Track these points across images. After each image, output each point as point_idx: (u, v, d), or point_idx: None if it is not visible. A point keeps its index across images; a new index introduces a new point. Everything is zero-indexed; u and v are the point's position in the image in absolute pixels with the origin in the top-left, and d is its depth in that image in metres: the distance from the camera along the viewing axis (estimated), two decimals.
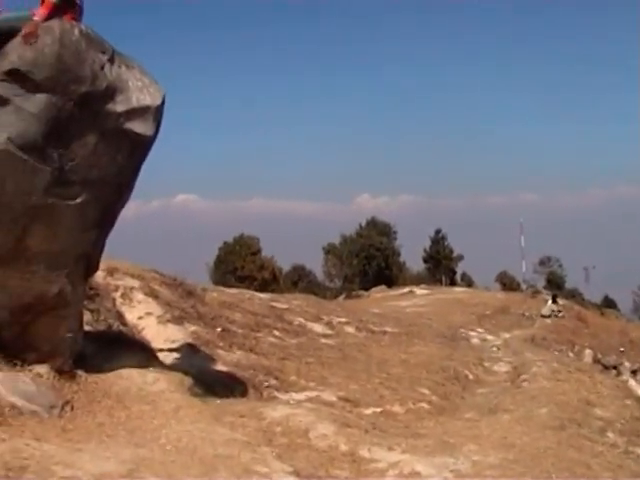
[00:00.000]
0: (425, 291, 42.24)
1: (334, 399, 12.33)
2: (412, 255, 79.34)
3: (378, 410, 12.11)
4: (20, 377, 8.32)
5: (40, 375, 8.58)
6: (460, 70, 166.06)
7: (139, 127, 8.55)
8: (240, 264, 59.45)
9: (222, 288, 25.34)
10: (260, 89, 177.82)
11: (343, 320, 21.35)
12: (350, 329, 20.42)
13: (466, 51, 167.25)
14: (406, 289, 44.80)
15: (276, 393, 12.24)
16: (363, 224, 72.48)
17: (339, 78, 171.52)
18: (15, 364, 8.48)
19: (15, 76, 7.92)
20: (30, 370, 8.56)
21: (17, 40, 8.02)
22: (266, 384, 12.54)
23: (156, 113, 8.68)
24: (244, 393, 11.51)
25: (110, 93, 8.36)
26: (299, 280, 66.44)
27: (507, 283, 72.31)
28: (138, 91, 8.59)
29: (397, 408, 12.46)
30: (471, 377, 16.45)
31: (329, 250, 70.99)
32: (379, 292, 46.10)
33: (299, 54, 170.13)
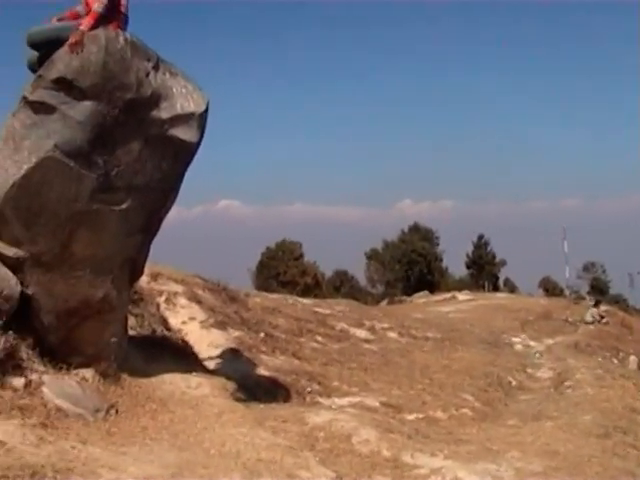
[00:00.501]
0: (467, 296, 41.94)
1: (377, 404, 12.32)
2: (454, 260, 79.02)
3: (421, 416, 12.08)
4: (66, 380, 8.41)
5: (85, 379, 8.68)
6: (498, 76, 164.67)
7: (183, 134, 8.62)
8: (282, 269, 59.50)
9: (265, 293, 25.42)
10: (302, 93, 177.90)
11: (385, 325, 21.32)
12: (392, 334, 20.39)
13: (499, 57, 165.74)
14: (448, 294, 44.51)
15: (319, 398, 12.26)
16: (405, 229, 72.34)
17: (380, 83, 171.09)
18: (61, 368, 8.57)
19: (62, 84, 8.06)
20: (76, 374, 8.66)
21: (64, 49, 8.15)
22: (309, 389, 12.57)
23: (200, 119, 8.75)
24: (287, 398, 11.53)
25: (155, 100, 8.45)
26: (341, 285, 66.33)
27: (550, 289, 71.68)
28: (182, 98, 8.66)
29: (440, 414, 12.42)
30: (514, 383, 16.34)
31: (371, 255, 70.79)
32: (421, 297, 45.84)
33: (338, 58, 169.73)
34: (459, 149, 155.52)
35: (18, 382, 7.94)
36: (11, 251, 8.31)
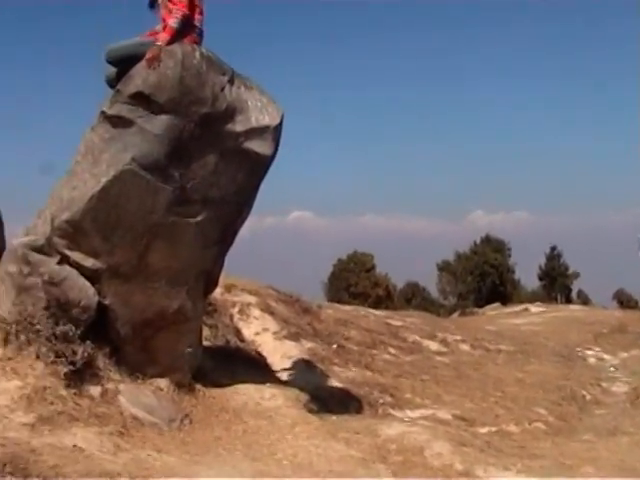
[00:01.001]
0: (540, 309, 41.48)
1: (449, 417, 12.27)
2: (527, 272, 77.99)
3: (493, 429, 11.99)
4: (142, 390, 8.55)
5: (160, 388, 8.81)
6: (574, 85, 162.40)
7: (258, 146, 8.70)
8: (354, 281, 59.40)
9: (337, 305, 25.44)
10: (372, 105, 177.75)
11: (458, 338, 21.19)
12: (465, 347, 20.26)
13: (576, 67, 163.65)
14: (521, 307, 44.08)
15: (391, 410, 12.24)
16: (477, 241, 71.86)
17: (452, 90, 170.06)
18: (137, 377, 8.72)
19: (139, 99, 8.21)
20: (151, 383, 8.81)
21: (141, 64, 8.30)
22: (381, 401, 12.55)
23: (275, 133, 8.82)
24: (359, 410, 11.54)
25: (230, 113, 8.53)
26: (413, 297, 66.08)
27: (625, 301, 70.50)
28: (257, 111, 8.74)
29: (513, 428, 12.32)
30: (588, 397, 16.12)
31: (443, 267, 70.41)
32: (493, 309, 45.47)
33: (420, 67, 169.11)
34: (530, 160, 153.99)
35: (95, 391, 8.11)
36: (89, 262, 8.48)
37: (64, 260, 8.51)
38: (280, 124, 8.86)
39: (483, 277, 67.26)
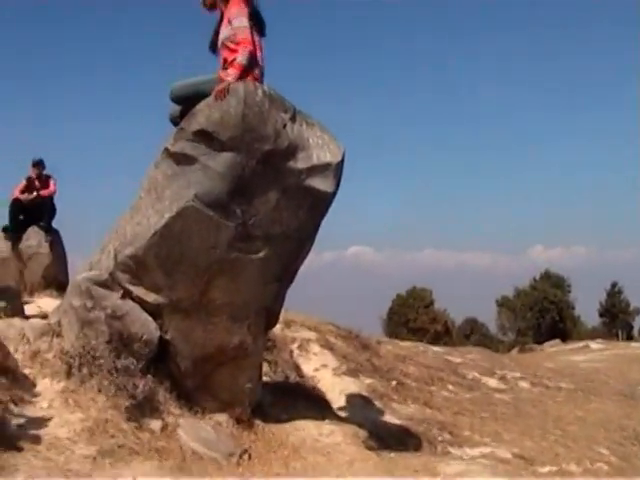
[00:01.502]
0: (601, 346, 40.93)
1: (509, 456, 12.12)
2: (587, 308, 77.20)
3: (554, 469, 11.81)
4: (201, 424, 8.61)
5: (220, 423, 8.86)
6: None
7: (320, 184, 8.71)
8: (413, 316, 59.35)
9: (396, 341, 25.34)
10: (431, 140, 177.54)
11: (517, 375, 20.99)
12: (524, 384, 20.05)
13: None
14: (581, 343, 43.55)
15: (450, 448, 12.14)
16: (537, 276, 71.32)
17: (512, 125, 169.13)
18: (196, 412, 8.80)
19: (202, 136, 8.32)
20: (210, 418, 8.87)
21: (204, 103, 8.42)
22: (440, 439, 12.46)
23: (336, 170, 8.82)
24: (418, 447, 11.46)
25: (292, 151, 8.57)
26: (472, 333, 65.74)
27: None
28: (318, 148, 8.77)
29: (573, 467, 12.13)
30: None
31: (502, 303, 69.99)
32: (553, 346, 44.96)
33: (468, 106, 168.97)
34: (590, 195, 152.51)
35: (156, 424, 8.19)
36: (151, 297, 8.61)
37: (127, 295, 8.66)
38: (341, 161, 8.87)
39: (542, 313, 66.72)
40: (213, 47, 9.19)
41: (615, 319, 71.68)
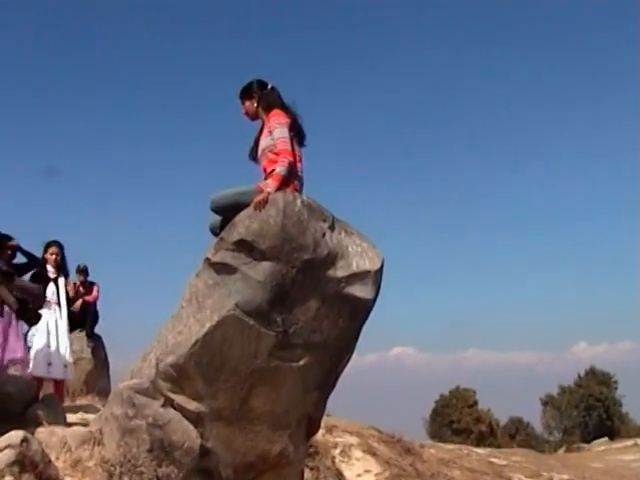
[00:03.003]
0: None
1: None
2: (635, 404, 75.77)
3: None
4: None
5: None
6: None
7: (359, 291, 8.76)
8: (456, 417, 58.55)
9: (440, 444, 25.11)
10: (468, 246, 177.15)
11: (565, 477, 20.68)
12: None
13: None
14: (630, 441, 42.74)
15: None
16: (581, 373, 70.37)
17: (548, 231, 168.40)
18: None
19: (242, 246, 8.43)
20: None
21: (244, 213, 8.56)
22: None
23: (375, 277, 8.88)
24: None
25: (331, 259, 8.66)
26: (516, 433, 64.62)
27: None
28: (358, 256, 8.85)
29: None
30: None
31: (547, 401, 68.96)
32: (601, 445, 44.21)
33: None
34: (635, 286, 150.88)
35: None
36: (193, 405, 8.61)
37: (168, 403, 8.65)
38: (381, 268, 8.95)
39: (589, 411, 65.60)
40: (253, 156, 9.41)
41: None
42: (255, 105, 9.49)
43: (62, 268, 12.77)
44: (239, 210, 8.66)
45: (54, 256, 12.62)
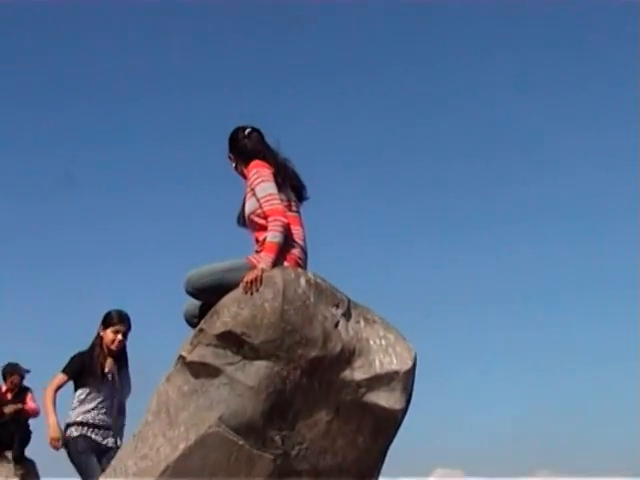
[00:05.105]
0: None
1: None
2: None
3: None
4: None
5: None
6: None
7: (384, 399, 7.05)
8: None
9: None
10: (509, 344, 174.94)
11: None
12: None
13: None
14: None
15: None
16: None
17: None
18: None
19: (228, 340, 6.78)
20: None
21: (230, 296, 6.92)
22: None
23: (405, 380, 7.15)
24: None
25: (346, 357, 6.97)
26: None
27: None
28: (382, 352, 7.16)
29: None
30: None
31: None
32: None
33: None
34: None
35: None
36: None
37: None
38: (412, 368, 7.21)
39: None
40: (243, 222, 7.67)
41: None
42: (234, 165, 7.78)
43: None
44: (224, 293, 6.97)
45: None
